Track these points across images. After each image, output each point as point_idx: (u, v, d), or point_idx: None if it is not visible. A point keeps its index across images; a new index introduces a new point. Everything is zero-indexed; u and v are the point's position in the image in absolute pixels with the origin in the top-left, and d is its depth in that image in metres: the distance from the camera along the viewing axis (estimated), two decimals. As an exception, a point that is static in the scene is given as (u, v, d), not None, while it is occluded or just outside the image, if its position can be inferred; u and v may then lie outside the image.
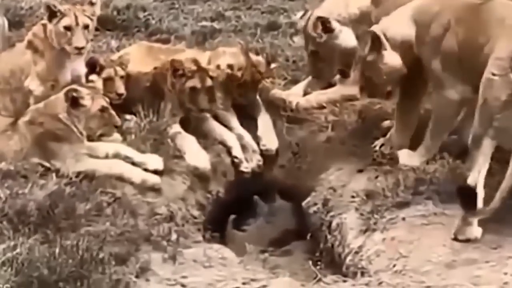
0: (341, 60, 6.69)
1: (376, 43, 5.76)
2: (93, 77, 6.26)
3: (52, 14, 6.13)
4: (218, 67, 6.52)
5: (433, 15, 5.68)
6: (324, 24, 6.49)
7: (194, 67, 6.33)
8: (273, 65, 7.04)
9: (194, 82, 6.31)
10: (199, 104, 6.34)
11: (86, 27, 6.15)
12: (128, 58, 6.64)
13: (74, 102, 5.78)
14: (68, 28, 6.11)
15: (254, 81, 6.74)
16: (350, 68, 6.71)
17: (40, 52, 6.23)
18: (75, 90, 5.80)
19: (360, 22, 6.46)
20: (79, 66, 6.31)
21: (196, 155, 6.16)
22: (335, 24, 6.53)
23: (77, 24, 6.10)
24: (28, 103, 6.16)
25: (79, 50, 6.14)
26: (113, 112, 5.89)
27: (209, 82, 6.35)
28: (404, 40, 5.75)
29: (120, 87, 6.45)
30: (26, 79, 6.22)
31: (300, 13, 7.02)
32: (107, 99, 5.99)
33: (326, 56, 6.65)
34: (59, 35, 6.13)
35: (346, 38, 6.55)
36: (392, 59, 5.77)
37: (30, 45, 6.30)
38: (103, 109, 5.84)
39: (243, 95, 6.72)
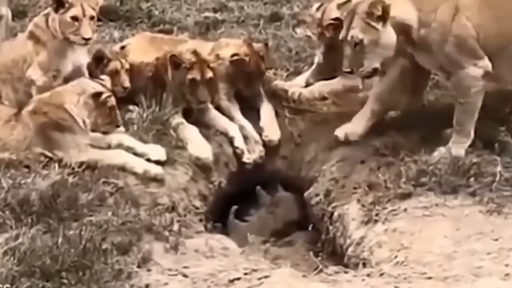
0: None
1: (384, 14, 5.67)
2: (104, 77, 6.24)
3: (60, 4, 6.13)
4: (217, 56, 6.51)
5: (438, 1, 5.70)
6: (336, 27, 6.44)
7: (193, 59, 6.33)
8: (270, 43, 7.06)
9: (194, 74, 6.30)
10: (199, 96, 6.33)
11: (92, 18, 6.17)
12: (128, 49, 6.65)
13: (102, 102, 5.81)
14: (75, 18, 6.12)
15: (260, 71, 6.74)
16: None
17: (42, 43, 6.24)
18: (110, 97, 5.84)
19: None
20: (81, 57, 6.32)
21: (198, 146, 6.17)
22: None
23: (84, 15, 6.12)
24: (30, 93, 6.18)
25: (86, 41, 6.16)
26: (118, 112, 5.89)
27: (209, 73, 6.35)
28: (403, 23, 5.71)
29: (126, 81, 6.48)
30: (28, 69, 6.23)
31: (316, 5, 6.96)
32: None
33: (339, 50, 6.62)
34: (65, 25, 6.12)
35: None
36: (392, 34, 5.73)
37: (32, 35, 6.30)
38: (112, 108, 5.84)
39: (249, 86, 6.71)
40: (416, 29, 5.70)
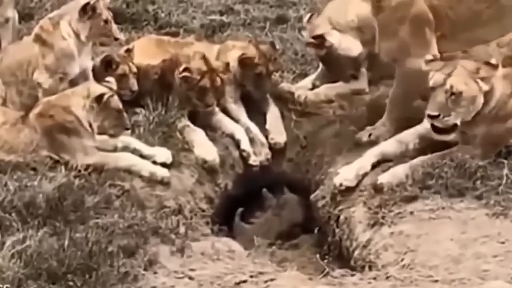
0: (349, 65, 6.71)
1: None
2: (109, 78, 6.26)
3: (94, 11, 6.25)
4: (227, 67, 6.52)
5: None
6: (318, 45, 6.47)
7: (203, 67, 6.34)
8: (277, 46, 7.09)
9: (204, 82, 6.32)
10: (206, 101, 6.36)
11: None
12: (134, 52, 6.68)
13: (105, 104, 5.80)
14: (106, 21, 6.30)
15: (268, 71, 6.74)
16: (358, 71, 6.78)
17: (49, 45, 6.26)
18: (112, 96, 5.83)
19: (361, 31, 6.44)
20: (86, 60, 6.37)
21: (204, 148, 6.18)
22: (331, 39, 6.51)
23: (111, 17, 6.34)
24: (36, 96, 6.20)
25: (117, 41, 6.50)
26: (125, 115, 5.90)
27: (218, 82, 6.37)
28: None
29: (134, 84, 6.52)
30: (33, 72, 6.25)
31: (307, 17, 6.97)
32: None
33: (333, 63, 6.66)
34: (99, 29, 6.31)
35: (347, 46, 6.53)
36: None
37: (38, 38, 6.33)
38: (119, 110, 5.84)
39: (259, 87, 6.71)
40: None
